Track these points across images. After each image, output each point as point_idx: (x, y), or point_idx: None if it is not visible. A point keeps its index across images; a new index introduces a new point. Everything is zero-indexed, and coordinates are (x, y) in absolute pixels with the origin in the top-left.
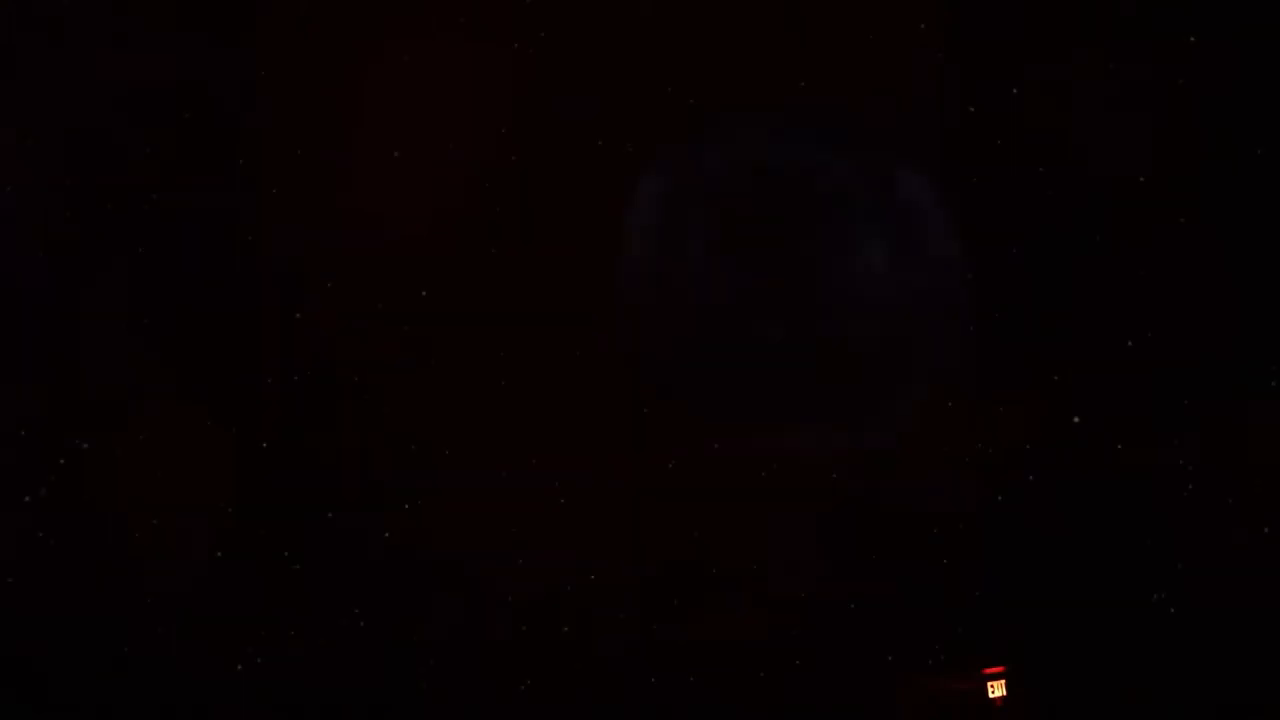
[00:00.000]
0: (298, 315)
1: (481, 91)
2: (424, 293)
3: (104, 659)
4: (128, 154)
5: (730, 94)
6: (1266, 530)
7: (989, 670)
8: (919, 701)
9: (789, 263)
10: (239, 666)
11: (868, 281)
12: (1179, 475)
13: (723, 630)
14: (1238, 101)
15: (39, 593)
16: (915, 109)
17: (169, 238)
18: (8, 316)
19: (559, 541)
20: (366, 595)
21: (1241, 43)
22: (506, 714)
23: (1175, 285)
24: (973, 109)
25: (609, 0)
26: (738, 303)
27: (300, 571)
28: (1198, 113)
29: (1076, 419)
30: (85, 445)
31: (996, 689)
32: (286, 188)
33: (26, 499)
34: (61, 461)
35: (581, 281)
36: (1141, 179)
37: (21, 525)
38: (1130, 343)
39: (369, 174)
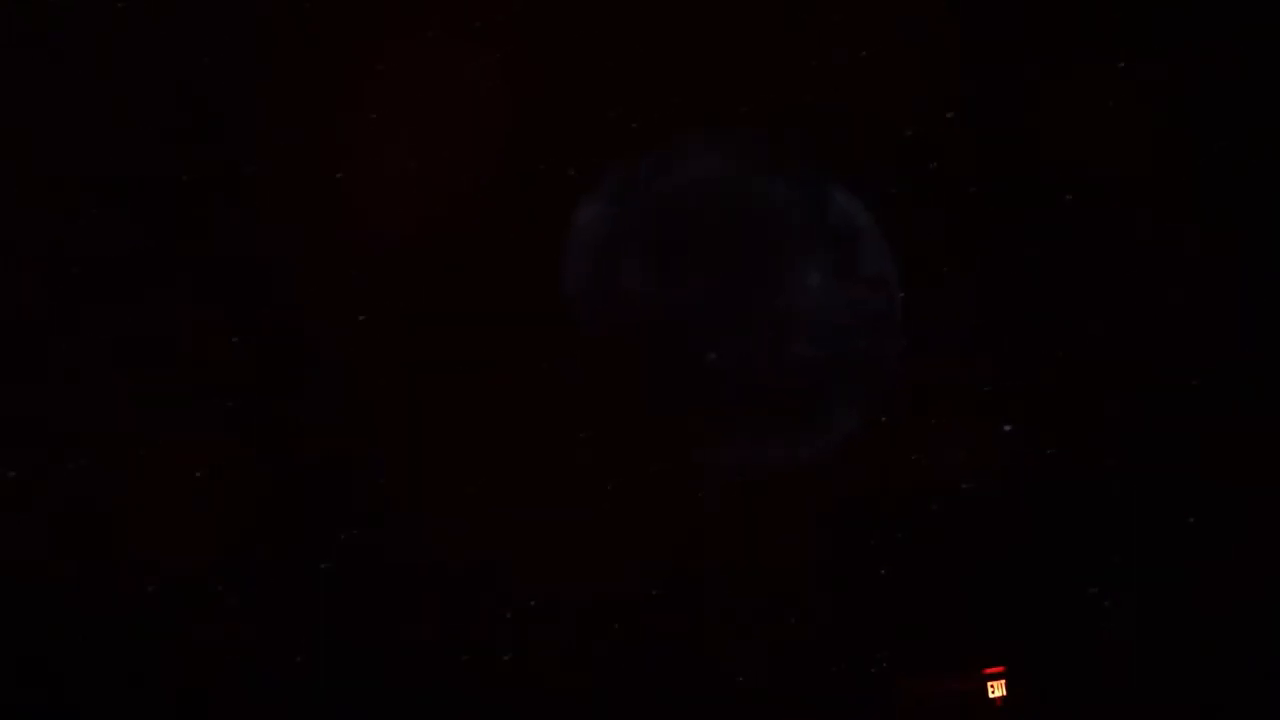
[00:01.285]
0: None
1: (426, 119)
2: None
3: (101, 664)
4: (127, 156)
5: (676, 116)
6: (1264, 530)
7: (989, 670)
8: (919, 701)
9: (734, 280)
10: (233, 670)
11: (808, 299)
12: (1180, 479)
13: (722, 631)
14: (1219, 105)
15: (33, 594)
16: (857, 130)
17: (164, 240)
18: (9, 319)
19: (554, 547)
20: (351, 602)
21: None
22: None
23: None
24: (909, 132)
25: (556, 28)
26: (681, 320)
27: (294, 574)
28: (1162, 117)
29: (1008, 427)
30: (81, 448)
31: (996, 689)
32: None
33: (26, 500)
34: (58, 463)
35: (529, 300)
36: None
37: (20, 525)
38: (1134, 351)
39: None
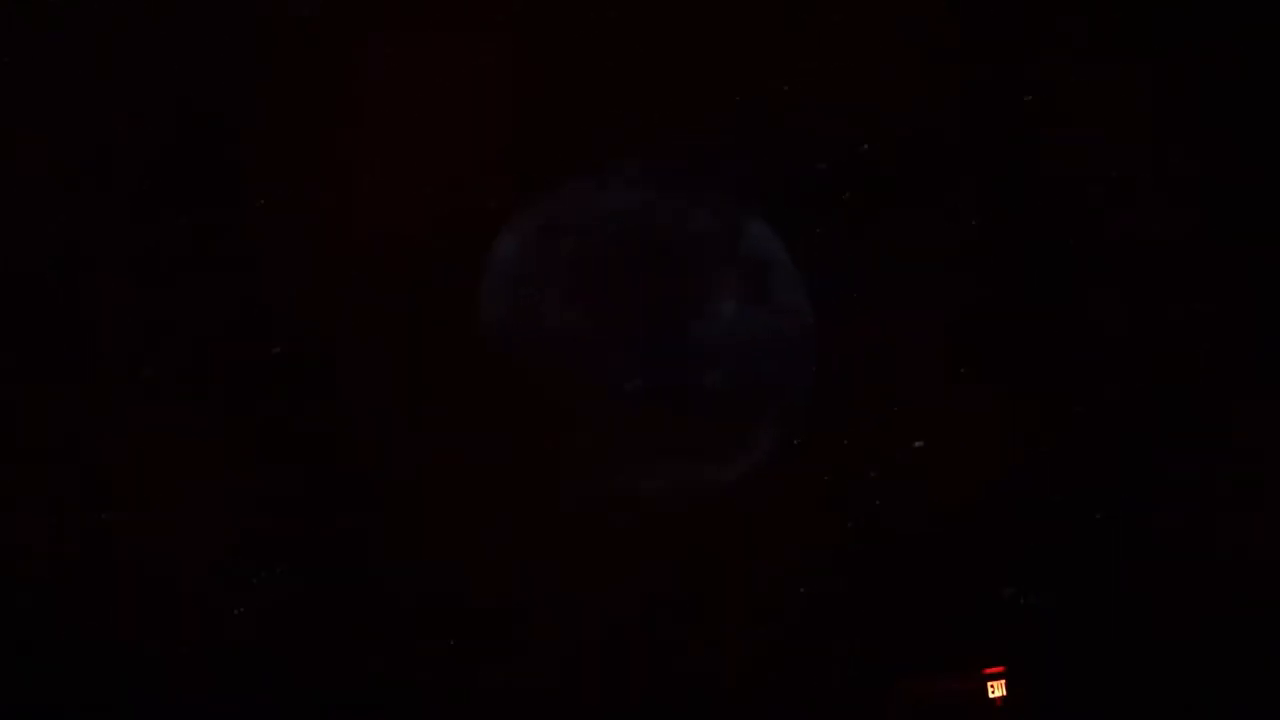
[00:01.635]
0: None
1: (424, 119)
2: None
3: (95, 661)
4: (126, 156)
5: (594, 145)
6: (1264, 530)
7: (989, 670)
8: (919, 701)
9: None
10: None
11: (722, 326)
12: (1179, 481)
13: (721, 632)
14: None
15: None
16: (768, 159)
17: (160, 240)
18: (12, 317)
19: (547, 551)
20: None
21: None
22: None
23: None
24: (824, 165)
25: (482, 53)
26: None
27: (285, 573)
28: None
29: (918, 443)
30: (78, 445)
31: (996, 689)
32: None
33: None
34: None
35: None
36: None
37: (21, 526)
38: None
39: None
